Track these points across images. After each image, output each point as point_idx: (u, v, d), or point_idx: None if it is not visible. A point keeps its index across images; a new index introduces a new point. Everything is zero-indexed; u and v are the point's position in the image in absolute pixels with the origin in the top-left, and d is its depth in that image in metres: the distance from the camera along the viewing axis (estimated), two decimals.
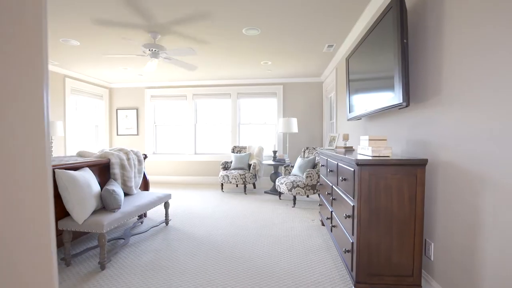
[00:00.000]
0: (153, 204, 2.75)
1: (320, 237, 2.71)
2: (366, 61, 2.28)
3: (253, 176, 4.84)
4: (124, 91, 6.22)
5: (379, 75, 2.00)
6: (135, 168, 3.10)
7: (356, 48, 2.53)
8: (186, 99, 5.99)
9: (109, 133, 6.24)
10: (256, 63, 4.43)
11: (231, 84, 5.82)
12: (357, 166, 1.52)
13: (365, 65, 2.30)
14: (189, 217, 3.38)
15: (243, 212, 3.62)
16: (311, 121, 5.61)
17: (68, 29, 3.07)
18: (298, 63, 4.41)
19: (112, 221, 2.09)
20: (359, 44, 2.43)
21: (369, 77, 2.21)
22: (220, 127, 6.00)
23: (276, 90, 5.67)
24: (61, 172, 2.00)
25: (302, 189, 3.81)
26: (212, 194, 4.76)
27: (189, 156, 5.99)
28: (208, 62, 4.37)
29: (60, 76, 4.87)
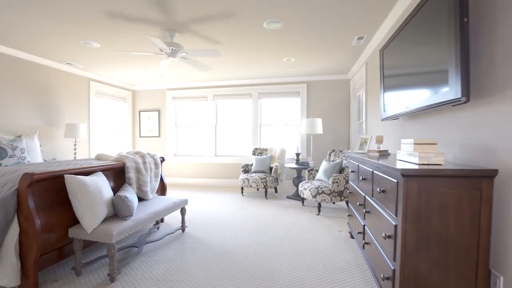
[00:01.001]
0: (168, 211, 2.61)
1: (350, 252, 2.40)
2: (407, 51, 1.94)
3: (274, 180, 4.59)
4: (147, 93, 6.26)
5: (425, 67, 1.67)
6: (151, 172, 2.99)
7: (393, 38, 2.20)
8: (206, 100, 5.88)
9: (132, 135, 6.31)
10: (278, 60, 4.19)
11: (252, 84, 5.61)
12: (402, 177, 1.23)
13: (405, 57, 1.97)
14: (206, 224, 3.21)
15: (263, 219, 3.39)
16: (337, 121, 5.24)
17: (88, 30, 3.03)
18: (323, 59, 4.10)
19: (122, 231, 1.96)
20: (397, 33, 2.10)
21: (411, 70, 1.87)
22: (241, 129, 5.82)
23: (299, 89, 5.38)
24: (70, 177, 1.90)
25: (327, 196, 3.49)
26: (232, 198, 4.58)
27: (210, 158, 5.87)
28: (228, 61, 4.20)
29: (85, 79, 4.96)
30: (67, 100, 4.61)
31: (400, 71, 2.07)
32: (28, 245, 1.73)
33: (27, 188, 1.73)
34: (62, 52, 3.75)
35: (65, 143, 4.58)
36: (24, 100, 3.90)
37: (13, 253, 1.70)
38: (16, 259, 1.71)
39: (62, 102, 4.52)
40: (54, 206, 1.95)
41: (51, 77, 4.31)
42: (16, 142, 2.94)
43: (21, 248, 1.75)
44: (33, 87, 4.02)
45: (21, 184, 1.73)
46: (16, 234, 1.72)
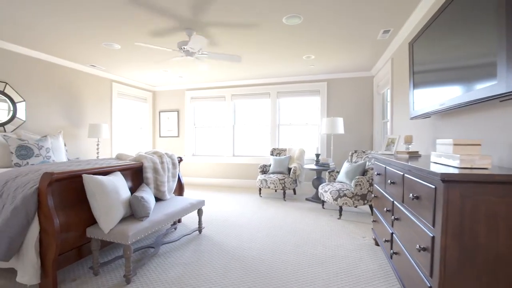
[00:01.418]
0: (185, 212, 2.57)
1: (375, 261, 2.23)
2: (442, 43, 1.76)
3: (293, 181, 4.46)
4: (166, 93, 6.35)
5: (465, 59, 1.48)
6: (169, 172, 2.98)
7: (425, 29, 2.01)
8: (224, 100, 5.86)
9: (152, 135, 6.43)
10: (298, 58, 4.05)
11: (270, 83, 5.51)
12: (441, 183, 1.07)
13: (440, 49, 1.78)
14: (223, 225, 3.15)
15: (281, 222, 3.27)
16: (359, 121, 5.01)
17: (108, 31, 3.07)
18: (345, 55, 3.91)
19: (138, 232, 1.93)
20: (430, 23, 1.91)
21: (448, 63, 1.69)
22: (259, 129, 5.73)
23: (320, 87, 5.20)
24: (88, 177, 1.90)
25: (349, 199, 3.31)
26: (249, 199, 4.50)
27: (227, 158, 5.84)
28: (246, 60, 4.12)
29: (108, 81, 5.10)
30: (91, 101, 4.76)
31: (434, 65, 1.88)
32: (47, 243, 1.74)
33: (47, 187, 1.74)
34: (85, 54, 3.86)
35: (89, 143, 4.73)
36: (51, 102, 4.06)
37: (33, 251, 1.72)
38: (36, 257, 1.72)
39: (86, 103, 4.67)
40: (73, 205, 1.96)
41: (76, 79, 4.46)
42: (42, 142, 3.04)
43: (41, 246, 1.77)
44: (59, 89, 4.18)
45: (41, 183, 1.75)
46: (37, 232, 1.74)
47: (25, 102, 3.70)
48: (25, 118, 3.69)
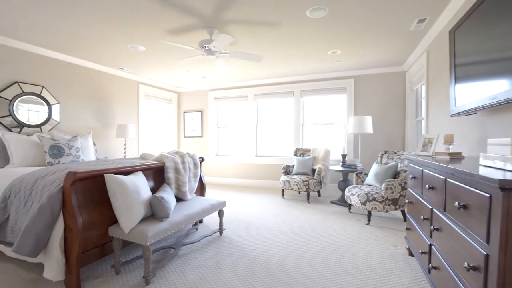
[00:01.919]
0: (205, 213, 2.53)
1: (408, 273, 2.01)
2: (493, 28, 1.52)
3: (317, 183, 4.28)
4: (190, 94, 6.44)
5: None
6: (190, 172, 2.96)
7: (470, 13, 1.77)
8: (247, 99, 5.80)
9: (177, 135, 6.56)
10: (323, 54, 3.87)
11: (293, 81, 5.35)
12: (500, 191, 0.89)
13: (491, 37, 1.55)
14: (245, 227, 3.07)
15: (305, 225, 3.13)
16: (389, 119, 4.69)
17: (133, 33, 3.13)
18: (375, 49, 3.66)
19: (158, 233, 1.91)
20: (477, 5, 1.68)
21: (502, 53, 1.46)
22: (282, 128, 5.60)
23: (346, 84, 4.95)
24: (110, 177, 1.92)
25: (379, 204, 3.08)
26: (272, 201, 4.39)
27: (250, 159, 5.77)
28: (269, 57, 4.02)
29: (135, 82, 5.27)
30: (119, 102, 4.94)
31: (483, 55, 1.64)
32: (71, 241, 1.77)
33: (71, 186, 1.78)
34: (113, 57, 4.00)
35: (117, 142, 4.91)
36: (83, 104, 4.26)
37: (58, 248, 1.75)
38: (61, 254, 1.76)
39: (115, 105, 4.85)
40: (97, 204, 1.99)
41: (105, 82, 4.64)
42: (72, 142, 3.17)
43: (66, 244, 1.80)
44: (90, 91, 4.38)
45: (65, 182, 1.78)
46: (61, 230, 1.78)
47: (59, 104, 3.91)
48: (59, 119, 3.90)
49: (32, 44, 3.46)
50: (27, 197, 1.89)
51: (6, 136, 2.88)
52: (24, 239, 1.66)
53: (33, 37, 3.21)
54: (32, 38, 3.26)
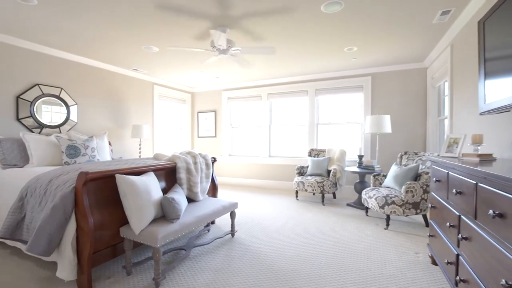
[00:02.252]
0: (216, 215, 2.48)
1: (432, 285, 1.87)
2: None
3: (333, 184, 4.14)
4: (204, 94, 6.46)
5: None
6: (202, 173, 2.93)
7: (503, 2, 1.61)
8: (261, 99, 5.74)
9: (191, 135, 6.60)
10: (338, 51, 3.73)
11: (308, 80, 5.23)
12: None
13: None
14: (257, 229, 3.01)
15: (320, 229, 3.02)
16: (409, 118, 4.47)
17: (145, 34, 3.15)
18: (394, 45, 3.48)
19: (168, 234, 1.88)
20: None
21: None
22: (296, 128, 5.49)
23: (363, 82, 4.77)
24: (120, 177, 1.91)
25: (399, 208, 2.92)
26: (285, 203, 4.29)
27: (263, 159, 5.70)
28: (282, 56, 3.93)
29: (149, 83, 5.34)
30: (135, 103, 5.02)
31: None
32: (83, 241, 1.78)
33: (82, 187, 1.78)
34: (128, 58, 4.05)
35: (132, 142, 4.99)
36: (100, 104, 4.35)
37: (70, 248, 1.76)
38: (72, 254, 1.77)
39: (130, 105, 4.93)
40: (108, 204, 1.99)
41: (121, 83, 4.73)
42: (88, 142, 3.24)
43: (78, 244, 1.81)
44: (106, 92, 4.47)
45: (77, 182, 1.79)
46: (73, 230, 1.79)
47: (77, 105, 4.01)
48: (77, 120, 4.00)
49: (51, 47, 3.57)
50: (42, 196, 1.92)
51: (26, 137, 2.97)
52: (37, 238, 1.68)
53: (51, 40, 3.30)
54: (51, 41, 3.36)
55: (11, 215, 1.97)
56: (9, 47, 3.24)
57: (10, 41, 3.21)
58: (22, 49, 3.36)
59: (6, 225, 1.93)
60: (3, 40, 3.14)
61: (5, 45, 3.20)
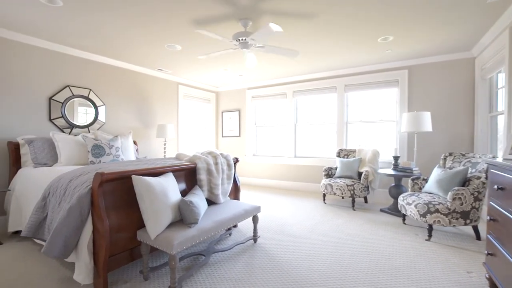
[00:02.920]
0: (237, 219, 2.33)
1: None
2: None
3: (364, 188, 3.81)
4: (228, 93, 6.38)
5: None
6: (223, 174, 2.80)
7: None
8: (286, 97, 5.51)
9: (215, 135, 6.56)
10: (371, 42, 3.41)
11: (336, 76, 4.91)
12: None
13: None
14: (281, 235, 2.81)
15: (350, 237, 2.74)
16: (453, 115, 3.98)
17: (169, 33, 3.10)
18: (436, 32, 3.09)
19: (184, 241, 1.76)
20: None
21: None
22: (323, 127, 5.18)
23: (398, 76, 4.35)
24: (137, 178, 1.83)
25: (444, 217, 2.55)
26: (312, 206, 4.04)
27: (289, 159, 5.48)
28: (308, 49, 3.69)
29: (174, 83, 5.36)
30: (160, 103, 5.06)
31: None
32: (99, 244, 1.72)
33: (98, 188, 1.72)
34: (152, 58, 4.06)
35: (157, 142, 5.03)
36: (126, 105, 4.43)
37: (86, 251, 1.71)
38: (88, 257, 1.71)
39: (156, 105, 4.98)
40: (126, 206, 1.92)
41: (147, 83, 4.79)
42: (113, 142, 3.26)
43: (94, 247, 1.75)
44: (133, 93, 4.54)
45: (93, 183, 1.73)
46: (90, 232, 1.73)
47: (105, 105, 4.10)
48: (104, 120, 4.09)
49: (80, 50, 3.67)
50: (61, 196, 1.90)
51: (56, 136, 3.05)
52: (53, 240, 1.64)
53: (80, 42, 3.38)
54: (79, 44, 3.44)
55: (35, 214, 1.98)
56: (41, 50, 3.37)
57: (42, 45, 3.34)
58: (53, 52, 3.49)
59: (29, 224, 1.95)
60: (36, 43, 3.27)
61: (37, 48, 3.33)
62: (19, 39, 3.13)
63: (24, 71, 3.22)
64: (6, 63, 3.06)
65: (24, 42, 3.19)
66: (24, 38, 3.17)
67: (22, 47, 3.19)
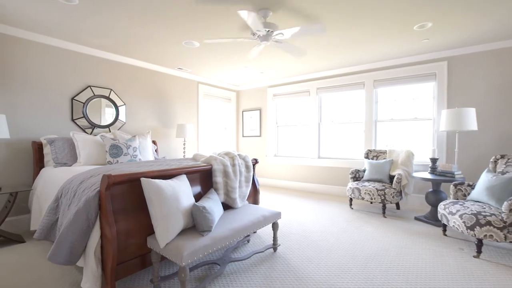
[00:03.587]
0: (256, 226, 2.14)
1: None
2: None
3: (397, 193, 3.44)
4: (249, 92, 6.22)
5: None
6: (241, 176, 2.62)
7: None
8: (309, 94, 5.23)
9: (236, 135, 6.42)
10: (405, 30, 3.05)
11: (364, 70, 4.55)
12: None
13: None
14: (303, 244, 2.57)
15: (383, 249, 2.44)
16: (503, 111, 3.48)
17: (185, 28, 2.98)
18: (482, 16, 2.68)
19: (196, 251, 1.60)
20: None
21: None
22: (349, 126, 4.83)
23: (436, 69, 3.91)
24: (146, 181, 1.69)
25: (498, 231, 2.17)
26: (337, 211, 3.74)
27: (312, 160, 5.19)
28: (333, 41, 3.40)
29: (194, 82, 5.29)
30: (180, 102, 5.01)
31: None
32: (107, 250, 1.61)
33: (106, 191, 1.61)
34: (171, 57, 3.99)
35: (177, 142, 4.99)
36: (146, 104, 4.42)
37: (93, 258, 1.61)
38: (95, 264, 1.61)
39: (176, 105, 4.93)
40: (136, 210, 1.80)
41: (167, 83, 4.75)
42: (131, 141, 3.22)
43: (102, 253, 1.65)
44: (153, 92, 4.52)
45: (101, 186, 1.62)
46: (97, 238, 1.63)
47: (125, 105, 4.11)
48: (125, 120, 4.09)
49: (99, 49, 3.68)
50: (71, 198, 1.83)
51: (76, 136, 3.06)
52: (58, 246, 1.55)
53: (98, 41, 3.38)
54: (98, 43, 3.44)
55: (47, 216, 1.92)
56: (62, 51, 3.41)
57: (63, 45, 3.37)
58: (75, 52, 3.52)
59: (41, 226, 1.89)
60: (57, 44, 3.31)
61: (59, 49, 3.37)
62: (43, 40, 3.18)
63: (47, 72, 3.27)
64: (31, 65, 3.12)
65: (47, 44, 3.24)
66: (46, 39, 3.21)
67: (46, 49, 3.24)
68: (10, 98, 2.98)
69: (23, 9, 2.54)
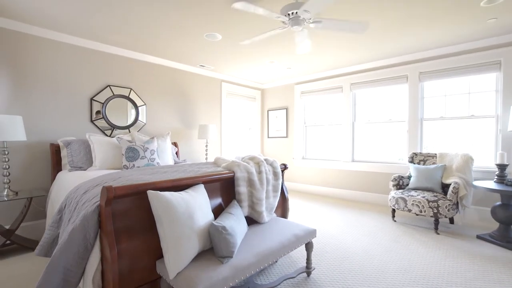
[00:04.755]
0: (286, 249, 1.76)
1: None
2: None
3: (453, 205, 2.87)
4: (274, 90, 5.84)
5: None
6: (268, 185, 2.25)
7: None
8: (341, 91, 4.73)
9: (261, 136, 6.07)
10: (466, 7, 2.49)
11: (408, 62, 3.97)
12: None
13: None
14: (342, 268, 2.14)
15: (443, 279, 1.94)
16: None
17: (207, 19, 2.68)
18: None
19: (213, 285, 1.25)
20: None
21: None
22: (389, 126, 4.27)
23: (501, 56, 3.25)
24: (153, 195, 1.38)
25: None
26: (378, 225, 3.23)
27: (345, 164, 4.68)
28: (372, 26, 2.92)
29: (217, 81, 5.02)
30: (202, 102, 4.76)
31: None
32: (108, 277, 1.32)
33: (106, 206, 1.32)
34: (192, 52, 3.73)
35: (199, 144, 4.74)
36: (167, 104, 4.21)
37: (91, 285, 1.33)
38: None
39: (198, 105, 4.69)
40: (143, 229, 1.50)
41: (188, 81, 4.52)
42: (148, 144, 2.98)
43: (103, 279, 1.37)
44: (174, 91, 4.30)
45: (101, 200, 1.34)
46: (97, 262, 1.35)
47: (146, 105, 3.92)
48: (145, 120, 3.91)
49: (118, 47, 3.51)
50: (72, 212, 1.57)
51: (92, 138, 2.89)
52: (49, 273, 1.28)
53: (118, 39, 3.20)
54: (116, 40, 3.26)
55: (48, 230, 1.70)
56: (81, 49, 3.27)
57: (79, 43, 3.23)
58: (93, 50, 3.37)
59: (42, 242, 1.67)
60: (73, 42, 3.17)
61: (75, 47, 3.23)
62: (58, 38, 3.05)
63: (66, 71, 3.14)
64: (50, 64, 3.01)
65: (62, 41, 3.10)
66: (61, 37, 3.08)
67: (61, 46, 3.11)
68: (27, 99, 2.87)
69: (37, 5, 2.38)
